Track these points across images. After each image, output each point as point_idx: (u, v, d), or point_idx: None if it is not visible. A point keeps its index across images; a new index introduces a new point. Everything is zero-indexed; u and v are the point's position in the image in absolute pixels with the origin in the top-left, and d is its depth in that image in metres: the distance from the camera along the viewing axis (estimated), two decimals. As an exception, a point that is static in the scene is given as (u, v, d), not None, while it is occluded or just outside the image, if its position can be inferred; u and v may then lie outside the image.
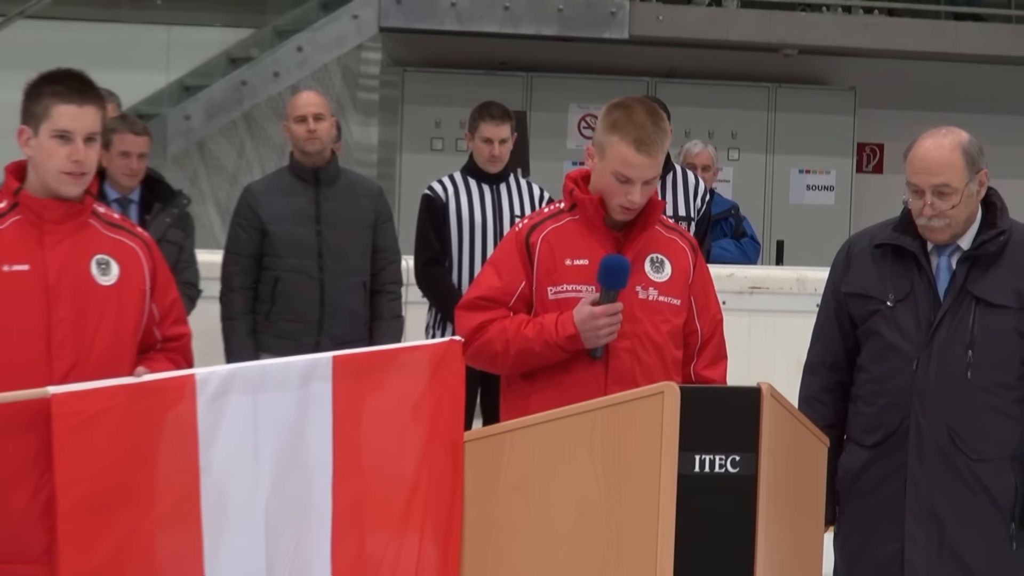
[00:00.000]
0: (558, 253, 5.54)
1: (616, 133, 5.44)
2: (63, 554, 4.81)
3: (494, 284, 5.58)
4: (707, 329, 5.66)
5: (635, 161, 5.41)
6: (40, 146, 5.01)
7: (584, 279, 5.48)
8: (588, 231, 5.55)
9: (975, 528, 5.55)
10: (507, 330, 5.47)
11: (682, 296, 5.58)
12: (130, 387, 4.91)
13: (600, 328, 5.38)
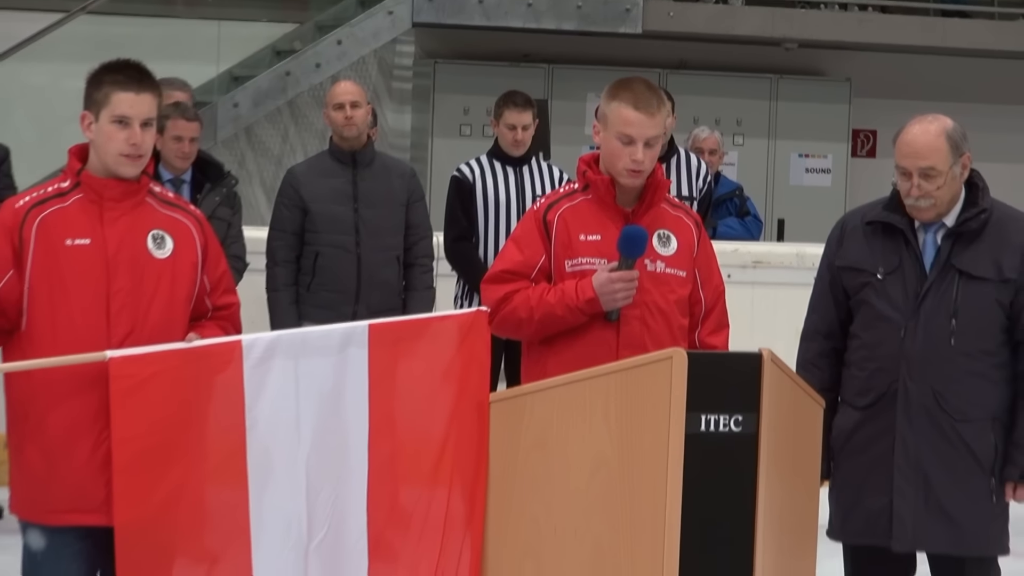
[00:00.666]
0: (573, 229, 5.53)
1: (615, 99, 5.46)
2: (118, 505, 4.84)
3: (516, 258, 5.57)
4: (711, 299, 5.65)
5: (634, 119, 5.41)
6: (101, 131, 5.01)
7: (597, 252, 5.48)
8: (600, 209, 5.55)
9: (958, 483, 5.54)
10: (530, 298, 5.46)
11: (687, 268, 5.57)
12: (182, 352, 4.95)
13: (617, 292, 5.38)
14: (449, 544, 5.07)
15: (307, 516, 5.01)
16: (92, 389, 4.87)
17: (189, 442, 4.91)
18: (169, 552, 4.91)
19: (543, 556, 5.02)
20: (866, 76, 14.66)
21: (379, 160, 8.91)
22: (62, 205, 5.04)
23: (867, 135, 14.93)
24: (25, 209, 5.02)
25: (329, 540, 5.03)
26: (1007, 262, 5.57)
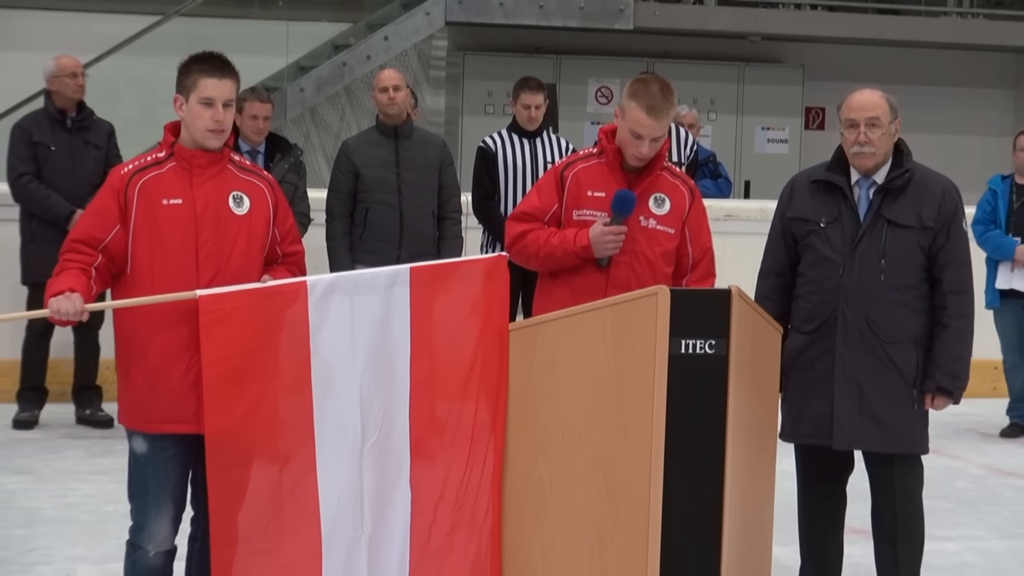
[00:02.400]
0: (583, 185, 5.59)
1: (634, 100, 5.45)
2: (207, 416, 4.85)
3: (535, 204, 5.66)
4: (697, 254, 5.67)
5: (646, 123, 5.43)
6: (190, 110, 5.00)
7: (601, 207, 5.52)
8: (608, 171, 5.59)
9: (886, 394, 5.54)
10: (539, 239, 5.55)
11: (676, 227, 5.59)
12: (258, 291, 4.95)
13: (607, 243, 5.44)
14: (476, 446, 5.07)
15: (361, 424, 5.01)
16: (185, 322, 4.87)
17: (264, 364, 4.91)
18: (249, 454, 4.92)
19: (553, 455, 5.01)
20: (816, 63, 14.62)
21: (417, 133, 8.91)
22: (159, 171, 5.02)
23: (817, 111, 14.89)
24: (129, 175, 5.01)
25: (379, 443, 5.03)
26: (926, 213, 5.55)
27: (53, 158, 9.00)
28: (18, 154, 9.03)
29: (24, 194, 8.96)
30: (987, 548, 7.24)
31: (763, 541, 5.38)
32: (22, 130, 9.12)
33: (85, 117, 9.21)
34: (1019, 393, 10.01)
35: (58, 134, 9.09)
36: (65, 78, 9.13)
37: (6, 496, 7.66)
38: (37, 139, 9.04)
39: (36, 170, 8.97)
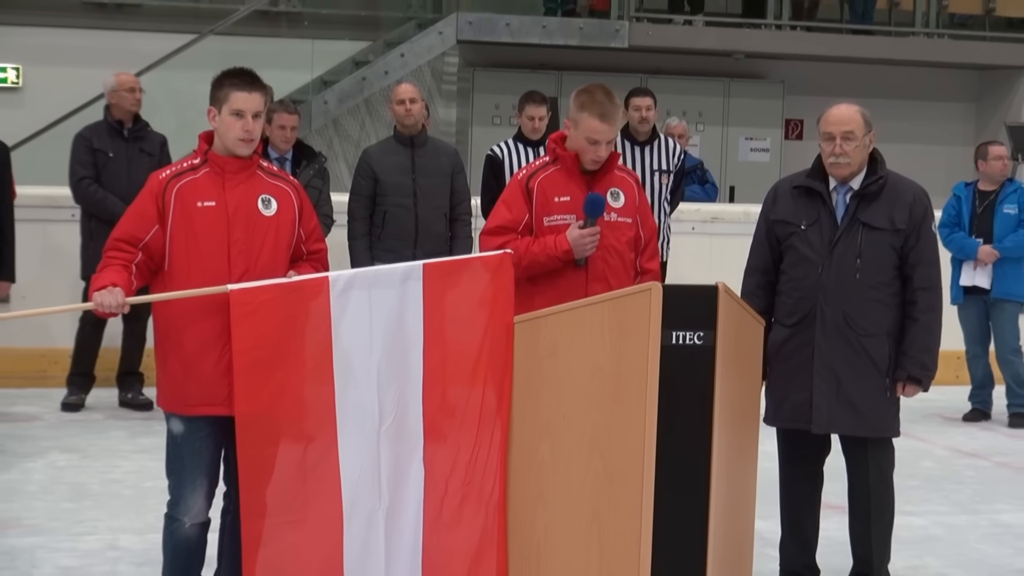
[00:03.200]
0: (549, 193, 5.57)
1: (585, 111, 5.47)
2: (238, 399, 4.84)
3: (507, 216, 5.61)
4: (647, 235, 5.69)
5: (600, 129, 5.46)
6: (222, 121, 4.99)
7: (568, 210, 5.53)
8: (568, 176, 5.59)
9: (861, 382, 5.53)
10: (519, 248, 5.48)
11: (632, 216, 5.62)
12: (284, 285, 4.93)
13: (586, 244, 5.46)
14: (484, 428, 5.05)
15: (378, 407, 5.00)
16: (217, 314, 4.86)
17: (290, 352, 4.90)
18: (276, 434, 4.90)
19: (555, 437, 4.99)
20: (795, 79, 14.61)
21: (431, 142, 8.91)
22: (194, 176, 5.01)
23: (796, 123, 14.88)
24: (166, 180, 5.01)
25: (395, 424, 5.01)
26: (898, 216, 5.55)
27: (111, 164, 9.07)
28: (79, 160, 9.10)
29: (84, 196, 9.02)
30: (951, 522, 7.24)
31: (747, 516, 5.36)
32: (83, 138, 9.19)
33: (140, 128, 9.28)
34: (980, 381, 10.03)
35: (116, 143, 9.15)
36: (124, 92, 9.23)
37: (56, 472, 7.67)
38: (97, 147, 9.11)
39: (95, 175, 9.04)
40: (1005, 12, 15.23)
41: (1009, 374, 9.87)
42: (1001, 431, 9.72)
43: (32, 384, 9.71)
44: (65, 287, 9.43)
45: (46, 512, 6.86)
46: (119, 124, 9.20)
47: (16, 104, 12.56)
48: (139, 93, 9.29)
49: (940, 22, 14.88)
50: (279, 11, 13.48)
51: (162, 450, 5.10)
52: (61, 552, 6.21)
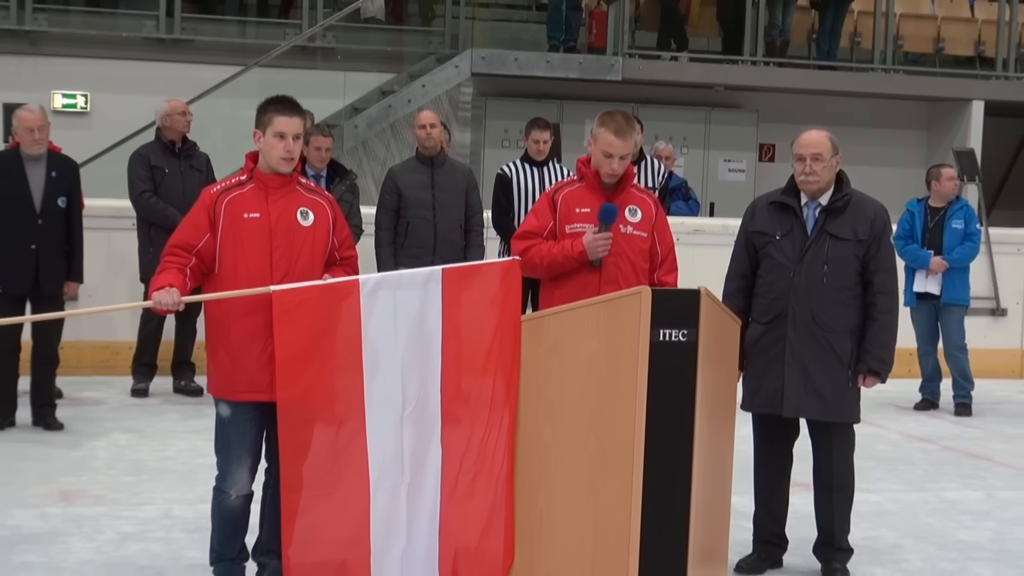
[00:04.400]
0: (572, 205, 5.58)
1: (603, 128, 5.50)
2: (279, 387, 4.84)
3: (535, 224, 5.63)
4: (664, 251, 5.67)
5: (615, 143, 5.47)
6: (266, 142, 4.99)
7: (587, 220, 5.53)
8: (589, 191, 5.59)
9: (827, 374, 5.53)
10: (541, 251, 5.52)
11: (647, 231, 5.61)
12: (320, 287, 4.93)
13: (599, 247, 5.45)
14: (494, 413, 5.05)
15: (402, 394, 4.99)
16: (261, 311, 4.86)
17: (324, 345, 4.90)
18: (312, 418, 4.91)
19: (556, 421, 4.99)
20: (768, 108, 14.59)
21: (448, 162, 8.89)
22: (241, 191, 5.02)
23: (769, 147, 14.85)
24: (217, 194, 5.01)
25: (416, 410, 5.01)
26: (861, 229, 5.56)
27: (167, 179, 9.09)
28: (139, 175, 9.11)
29: (146, 207, 9.03)
30: (902, 498, 7.23)
31: (724, 491, 5.35)
32: (141, 156, 9.21)
33: (190, 147, 9.31)
34: (929, 375, 10.05)
35: (170, 160, 9.17)
36: (176, 116, 9.26)
37: (118, 450, 7.67)
38: (154, 163, 9.13)
39: (154, 188, 9.04)
40: (953, 51, 15.25)
41: (955, 369, 9.90)
42: (948, 419, 9.71)
43: (97, 372, 9.73)
44: (126, 288, 9.44)
45: (109, 485, 6.87)
46: (171, 144, 9.21)
47: (85, 127, 12.57)
48: (189, 115, 9.32)
49: (895, 59, 14.86)
50: (316, 46, 13.47)
51: (211, 431, 5.10)
52: (122, 520, 6.22)
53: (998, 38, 14.94)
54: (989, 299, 11.69)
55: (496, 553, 5.07)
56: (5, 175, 7.90)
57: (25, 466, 7.18)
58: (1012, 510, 7.09)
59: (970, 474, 7.96)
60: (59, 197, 7.96)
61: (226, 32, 13.62)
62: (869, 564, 5.91)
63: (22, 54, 12.80)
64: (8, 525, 6.05)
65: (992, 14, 15.16)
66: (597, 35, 14.03)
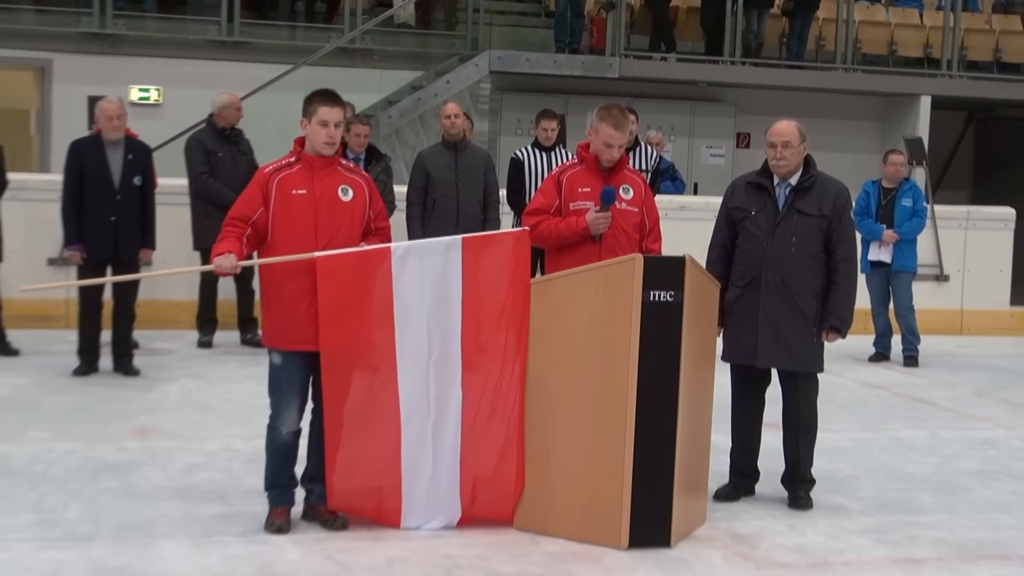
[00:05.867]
0: (575, 185, 5.54)
1: (603, 121, 5.46)
2: (323, 338, 4.85)
3: (542, 202, 5.58)
4: (651, 223, 5.63)
5: (614, 135, 5.44)
6: (311, 129, 4.97)
7: (588, 198, 5.49)
8: (589, 174, 5.55)
9: (795, 331, 5.51)
10: (550, 226, 5.48)
11: (639, 207, 5.57)
12: (357, 253, 4.92)
13: (600, 224, 5.42)
14: (507, 363, 5.03)
15: (427, 345, 4.98)
16: (307, 274, 4.85)
17: (361, 303, 4.89)
18: (351, 365, 4.92)
19: (560, 369, 4.98)
20: (745, 102, 14.50)
21: (470, 147, 8.86)
22: (290, 171, 5.00)
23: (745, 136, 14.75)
24: (270, 173, 5.00)
25: (439, 359, 5.00)
26: (825, 205, 5.53)
27: (220, 162, 9.05)
28: (197, 159, 9.09)
29: (204, 187, 9.00)
30: (858, 437, 7.21)
31: (705, 429, 5.33)
32: (198, 142, 9.17)
33: (237, 134, 9.28)
34: (882, 331, 10.04)
35: (222, 145, 9.14)
36: (232, 109, 9.24)
37: (186, 393, 7.68)
38: (210, 148, 9.10)
39: (210, 169, 9.01)
40: (904, 53, 15.15)
41: (904, 326, 9.88)
42: (897, 369, 9.69)
43: (168, 327, 9.72)
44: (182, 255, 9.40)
45: (179, 422, 6.87)
46: (223, 130, 9.18)
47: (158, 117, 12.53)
48: (242, 111, 9.32)
49: (855, 60, 14.75)
50: (355, 48, 13.40)
51: (266, 377, 5.08)
52: (190, 452, 6.22)
53: (943, 42, 14.87)
54: (934, 267, 11.66)
55: (509, 480, 5.07)
56: (89, 157, 7.90)
57: (107, 407, 7.20)
58: (952, 447, 7.07)
59: (916, 416, 7.94)
60: (135, 176, 7.96)
61: (278, 35, 13.57)
62: (829, 493, 5.89)
63: (104, 54, 12.79)
64: (94, 456, 6.06)
65: (938, 21, 15.09)
66: (597, 39, 13.96)
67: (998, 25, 15.53)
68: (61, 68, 12.66)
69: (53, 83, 12.70)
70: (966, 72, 14.97)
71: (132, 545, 4.79)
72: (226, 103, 9.21)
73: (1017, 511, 5.80)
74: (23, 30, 12.72)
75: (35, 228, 9.56)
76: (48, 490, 5.48)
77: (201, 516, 5.18)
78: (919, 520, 5.58)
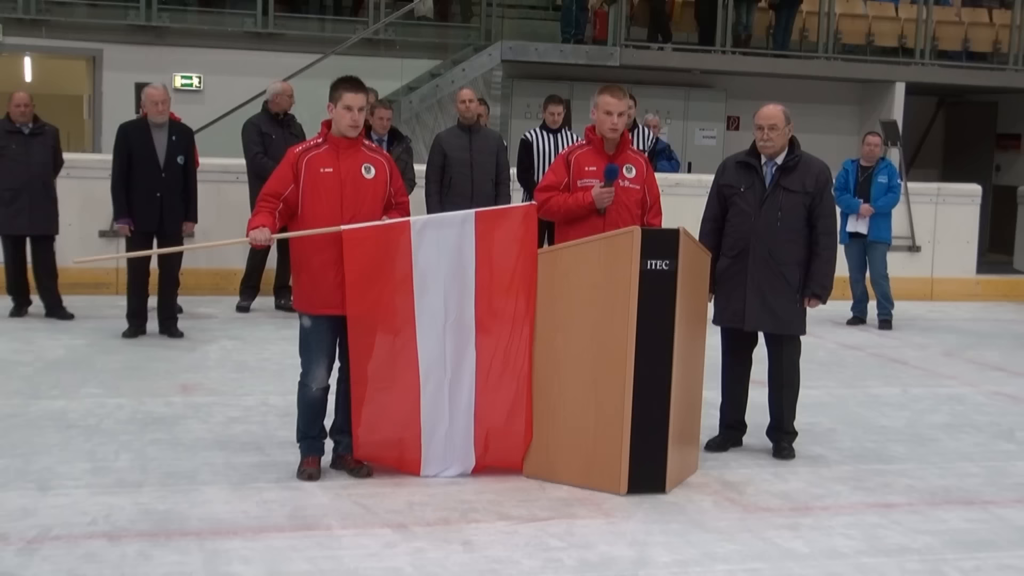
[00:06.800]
0: (582, 164, 5.46)
1: (602, 95, 5.40)
2: (349, 304, 4.83)
3: (552, 179, 5.49)
4: (652, 199, 5.55)
5: (611, 101, 5.36)
6: (337, 112, 4.93)
7: (594, 176, 5.40)
8: (595, 153, 5.47)
9: (779, 297, 5.48)
10: (559, 201, 5.40)
11: (640, 184, 5.49)
12: (380, 226, 4.89)
13: (604, 199, 5.35)
14: (516, 325, 5.01)
15: (444, 309, 4.96)
16: (334, 246, 4.83)
17: (383, 271, 4.86)
18: (375, 328, 4.90)
19: (566, 331, 4.95)
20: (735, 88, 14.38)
21: (483, 130, 8.81)
22: (318, 151, 4.97)
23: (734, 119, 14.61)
24: (300, 153, 4.97)
25: (455, 322, 4.98)
26: (808, 183, 5.48)
27: (273, 144, 8.97)
28: (252, 140, 9.00)
29: (259, 165, 8.89)
30: (837, 393, 7.19)
31: (697, 385, 5.30)
32: (254, 125, 9.10)
33: (289, 119, 9.21)
34: (859, 297, 10.00)
35: (275, 128, 9.07)
36: (285, 96, 9.15)
37: (225, 353, 7.68)
38: (264, 131, 9.03)
39: (264, 150, 8.94)
40: (881, 42, 15.00)
41: (880, 292, 9.85)
42: (873, 332, 9.65)
43: (210, 293, 9.73)
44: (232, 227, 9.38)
45: (219, 380, 6.87)
46: (276, 115, 9.12)
47: (199, 102, 12.48)
48: (293, 98, 9.23)
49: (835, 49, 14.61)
50: (379, 39, 13.31)
51: (297, 338, 5.07)
52: (229, 407, 6.22)
53: (917, 33, 14.74)
54: (907, 238, 11.60)
55: (519, 433, 5.06)
56: (136, 139, 7.87)
57: (154, 366, 7.20)
58: (922, 403, 7.04)
59: (890, 375, 7.90)
60: (178, 156, 7.93)
61: (309, 27, 13.49)
62: (810, 444, 5.88)
63: (149, 44, 12.74)
64: (142, 411, 6.07)
65: (912, 13, 14.95)
66: (600, 30, 13.83)
67: (967, 17, 15.38)
68: (111, 57, 12.62)
69: (104, 71, 12.66)
70: (937, 60, 14.83)
71: (177, 491, 4.79)
72: (279, 91, 9.17)
73: (981, 460, 5.77)
74: (76, 23, 12.68)
75: (88, 203, 9.55)
76: (101, 441, 5.49)
77: (239, 464, 5.18)
78: (892, 468, 5.56)
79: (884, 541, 4.53)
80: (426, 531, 4.41)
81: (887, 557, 4.36)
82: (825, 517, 4.79)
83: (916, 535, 4.62)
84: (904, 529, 4.68)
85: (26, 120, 8.50)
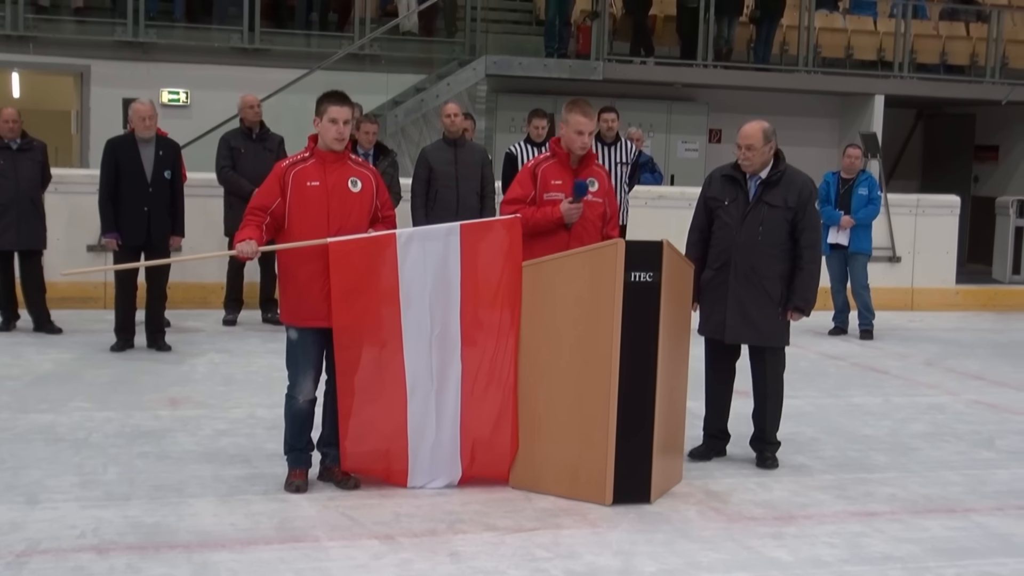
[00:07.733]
0: (548, 177, 5.45)
1: (572, 113, 5.38)
2: (335, 316, 4.82)
3: (519, 192, 5.47)
4: (611, 212, 5.56)
5: (584, 122, 5.36)
6: (323, 126, 4.93)
7: (560, 190, 5.40)
8: (561, 167, 5.47)
9: (761, 310, 5.50)
10: (526, 214, 5.32)
11: (603, 197, 5.50)
12: (366, 239, 4.89)
13: (573, 214, 5.35)
14: (501, 336, 5.01)
15: (430, 321, 4.95)
16: (320, 258, 4.82)
17: (369, 284, 4.86)
18: (361, 340, 4.89)
19: (551, 343, 4.95)
20: (716, 101, 14.43)
21: (468, 143, 8.81)
22: (305, 165, 4.96)
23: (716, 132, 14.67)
24: (286, 167, 4.97)
25: (441, 334, 4.97)
26: (790, 198, 5.49)
27: (242, 157, 9.00)
28: (222, 154, 9.08)
29: (225, 178, 8.98)
30: (819, 403, 7.20)
31: (681, 396, 5.31)
32: (225, 140, 9.17)
33: (265, 132, 9.21)
34: (840, 308, 10.04)
35: (246, 142, 9.08)
36: (247, 108, 9.16)
37: (213, 366, 7.65)
38: (233, 145, 9.06)
39: (232, 164, 8.95)
40: (860, 56, 15.08)
41: (860, 303, 9.89)
42: (854, 342, 9.68)
43: (197, 307, 9.71)
44: (218, 241, 9.38)
45: (206, 393, 6.85)
46: (248, 130, 9.13)
47: (186, 117, 12.47)
48: (258, 108, 9.20)
49: (815, 63, 14.70)
50: (365, 53, 13.31)
51: (283, 351, 5.06)
52: (216, 419, 6.20)
53: (895, 46, 14.84)
54: (887, 249, 11.65)
55: (504, 444, 5.06)
56: (124, 154, 7.86)
57: (142, 379, 7.17)
58: (903, 412, 7.06)
59: (871, 384, 7.93)
60: (165, 171, 7.92)
61: (295, 43, 13.49)
62: (793, 453, 5.89)
63: (137, 60, 12.73)
64: (130, 424, 6.04)
65: (890, 27, 15.05)
66: (583, 44, 13.87)
67: (944, 31, 15.49)
68: (98, 73, 12.60)
69: (91, 86, 12.64)
70: (916, 73, 14.93)
71: (165, 504, 4.77)
72: (241, 103, 9.18)
73: (962, 469, 5.79)
74: (64, 39, 12.66)
75: (75, 218, 9.53)
76: (89, 454, 5.46)
77: (227, 477, 5.16)
78: (874, 477, 5.57)
79: (867, 549, 4.54)
80: (413, 542, 4.40)
81: (870, 565, 4.37)
82: (808, 526, 4.80)
83: (898, 543, 4.63)
84: (887, 537, 4.69)
85: (14, 136, 8.48)
